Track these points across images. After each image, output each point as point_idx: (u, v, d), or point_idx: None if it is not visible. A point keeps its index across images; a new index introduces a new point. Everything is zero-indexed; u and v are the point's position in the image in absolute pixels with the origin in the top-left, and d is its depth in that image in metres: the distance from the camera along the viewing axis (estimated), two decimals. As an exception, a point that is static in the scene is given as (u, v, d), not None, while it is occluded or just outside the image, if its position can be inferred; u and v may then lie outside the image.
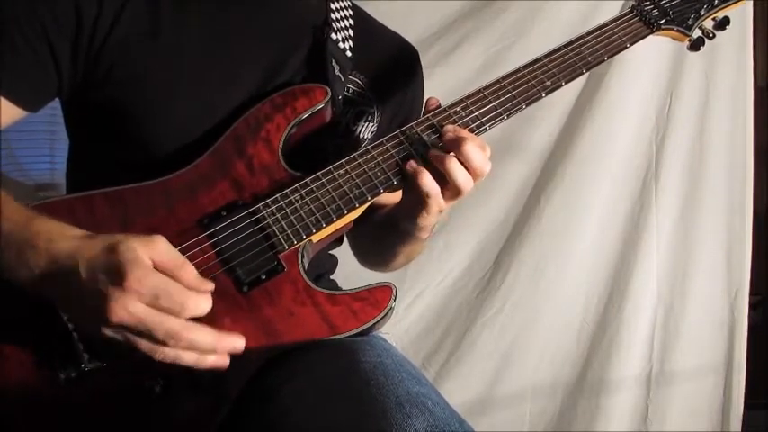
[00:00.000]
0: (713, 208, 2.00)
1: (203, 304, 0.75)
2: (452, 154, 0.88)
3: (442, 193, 0.89)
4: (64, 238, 0.76)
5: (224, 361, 0.77)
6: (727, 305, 2.00)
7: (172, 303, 0.73)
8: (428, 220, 0.93)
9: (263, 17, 1.02)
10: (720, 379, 2.00)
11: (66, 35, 0.91)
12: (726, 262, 2.00)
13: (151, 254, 0.73)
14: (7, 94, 0.90)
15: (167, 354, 0.74)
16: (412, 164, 0.89)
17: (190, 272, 0.76)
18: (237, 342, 0.78)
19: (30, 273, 0.75)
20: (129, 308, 0.71)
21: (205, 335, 0.75)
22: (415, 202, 0.91)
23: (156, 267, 0.74)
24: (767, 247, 2.21)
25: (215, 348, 0.76)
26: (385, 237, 1.09)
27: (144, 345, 0.74)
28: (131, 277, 0.71)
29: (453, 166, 0.87)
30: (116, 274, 0.71)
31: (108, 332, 0.74)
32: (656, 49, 1.85)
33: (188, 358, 0.75)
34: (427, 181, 0.88)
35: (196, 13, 0.97)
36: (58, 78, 0.93)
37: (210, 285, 0.77)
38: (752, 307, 2.04)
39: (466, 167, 0.88)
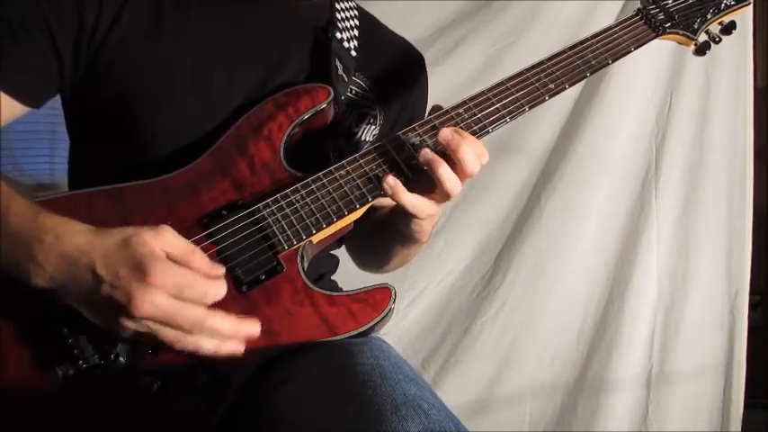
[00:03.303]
0: (713, 208, 2.00)
1: (222, 289, 0.77)
2: (442, 161, 0.87)
3: (431, 197, 0.89)
4: (73, 233, 0.76)
5: (240, 348, 0.79)
6: (727, 305, 2.00)
7: (194, 293, 0.74)
8: (422, 224, 0.94)
9: (263, 16, 1.02)
10: (720, 379, 2.00)
11: (68, 32, 0.91)
12: (726, 262, 2.00)
13: (162, 245, 0.75)
14: (9, 90, 0.90)
15: (189, 342, 0.76)
16: (389, 181, 0.88)
17: (201, 258, 0.77)
18: (255, 327, 0.80)
19: (38, 268, 0.75)
20: (155, 301, 0.72)
21: (226, 321, 0.77)
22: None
23: (168, 258, 0.75)
24: (767, 247, 2.21)
25: (235, 334, 0.78)
26: (382, 238, 1.08)
27: (167, 334, 0.75)
28: (154, 271, 0.72)
29: (444, 173, 0.86)
30: (137, 268, 0.72)
31: (130, 325, 0.74)
32: (656, 49, 1.84)
33: (208, 346, 0.77)
34: (408, 199, 0.88)
35: (197, 13, 0.97)
36: (60, 75, 0.93)
37: (222, 269, 0.79)
38: (752, 307, 2.04)
39: (459, 170, 0.87)
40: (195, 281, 0.75)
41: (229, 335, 0.77)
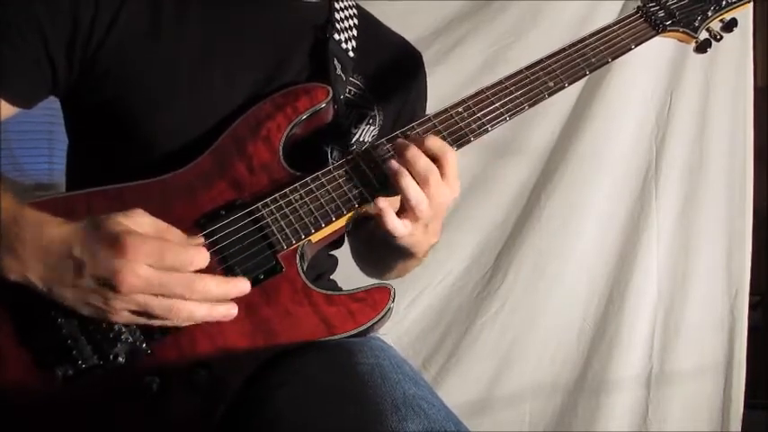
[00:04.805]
0: (713, 208, 2.00)
1: (204, 256, 0.77)
2: (405, 168, 0.86)
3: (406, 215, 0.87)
4: (49, 225, 0.76)
5: (234, 311, 0.79)
6: (727, 305, 2.00)
7: (175, 259, 0.75)
8: (412, 238, 0.91)
9: (263, 17, 1.02)
10: (720, 379, 2.00)
11: (61, 36, 0.91)
12: (726, 262, 2.00)
13: (134, 224, 0.75)
14: (2, 93, 0.90)
15: (181, 311, 0.76)
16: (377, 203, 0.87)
17: (176, 233, 0.79)
18: (244, 285, 0.80)
19: (21, 265, 0.75)
20: (138, 273, 0.73)
21: (216, 281, 0.78)
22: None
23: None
24: (767, 248, 2.21)
25: (226, 294, 0.78)
26: (380, 249, 1.07)
27: (158, 306, 0.75)
28: (130, 245, 0.73)
29: (406, 182, 0.85)
30: (113, 245, 0.73)
31: (119, 304, 0.75)
32: (656, 49, 1.85)
33: (202, 311, 0.77)
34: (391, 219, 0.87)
35: (196, 14, 0.97)
36: (53, 76, 0.93)
37: (200, 239, 0.81)
38: (752, 307, 2.04)
39: (414, 174, 0.85)
40: (174, 248, 0.76)
41: (219, 294, 0.78)
